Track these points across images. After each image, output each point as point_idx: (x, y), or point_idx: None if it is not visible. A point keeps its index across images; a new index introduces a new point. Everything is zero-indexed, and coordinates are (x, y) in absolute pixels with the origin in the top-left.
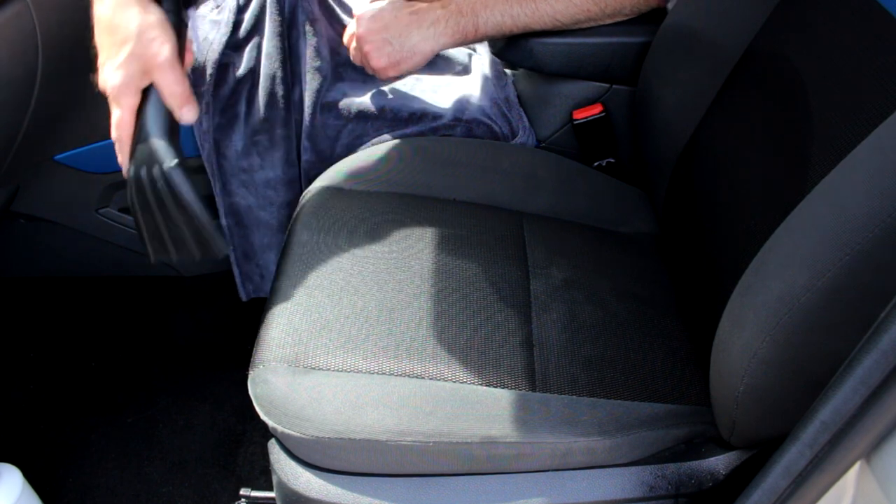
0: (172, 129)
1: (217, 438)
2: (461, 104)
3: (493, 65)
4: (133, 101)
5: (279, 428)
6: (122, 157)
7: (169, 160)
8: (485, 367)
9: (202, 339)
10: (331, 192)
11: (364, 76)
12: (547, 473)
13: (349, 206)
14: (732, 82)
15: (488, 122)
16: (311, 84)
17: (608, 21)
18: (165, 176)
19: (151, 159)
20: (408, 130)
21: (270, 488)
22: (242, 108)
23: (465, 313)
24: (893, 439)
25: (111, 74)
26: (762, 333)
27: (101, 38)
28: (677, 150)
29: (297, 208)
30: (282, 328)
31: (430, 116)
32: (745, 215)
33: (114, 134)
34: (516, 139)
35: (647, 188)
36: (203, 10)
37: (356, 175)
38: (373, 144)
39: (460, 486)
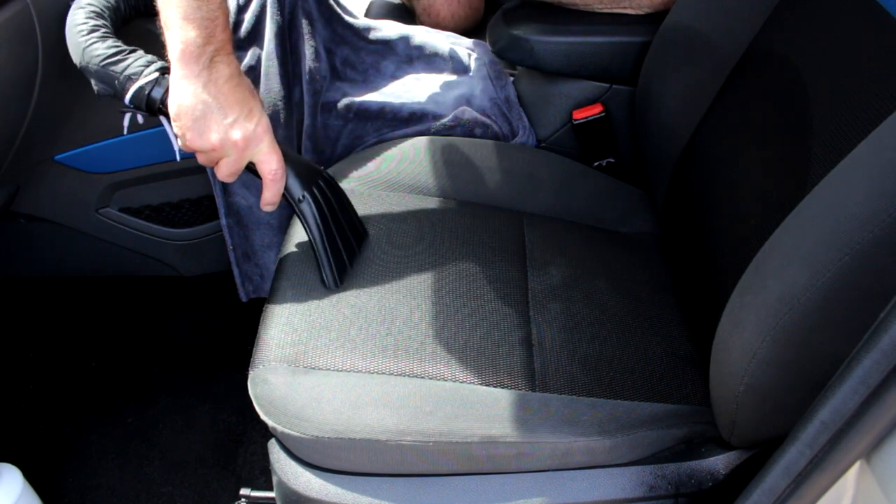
0: None
1: (217, 438)
2: (461, 104)
3: (493, 65)
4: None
5: (279, 428)
6: (279, 190)
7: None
8: (484, 366)
9: (202, 339)
10: None
11: (364, 76)
12: (547, 473)
13: None
14: (732, 82)
15: (488, 122)
16: (311, 84)
17: (619, 10)
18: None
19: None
20: (408, 130)
21: (270, 488)
22: None
23: (464, 313)
24: (893, 439)
25: (255, 124)
26: (762, 333)
27: (229, 98)
28: (677, 150)
29: None
30: (282, 328)
31: (430, 116)
32: (744, 215)
33: (280, 171)
34: (516, 139)
35: (647, 188)
36: None
37: (356, 175)
38: (373, 144)
39: (460, 486)
